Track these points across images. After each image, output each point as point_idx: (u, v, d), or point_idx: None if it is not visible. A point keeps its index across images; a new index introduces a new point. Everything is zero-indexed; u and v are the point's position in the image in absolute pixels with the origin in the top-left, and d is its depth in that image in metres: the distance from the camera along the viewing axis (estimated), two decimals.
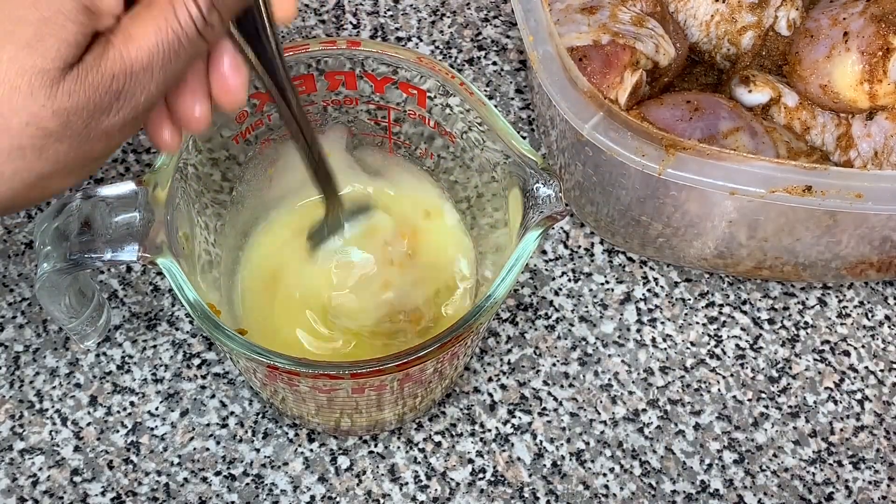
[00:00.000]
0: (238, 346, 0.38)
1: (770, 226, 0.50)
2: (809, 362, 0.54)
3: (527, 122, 0.61)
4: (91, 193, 0.40)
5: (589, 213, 0.55)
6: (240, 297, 0.48)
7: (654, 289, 0.55)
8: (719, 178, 0.46)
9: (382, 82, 0.45)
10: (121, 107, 0.31)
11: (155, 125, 0.36)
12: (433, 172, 0.49)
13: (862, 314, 0.56)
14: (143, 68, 0.31)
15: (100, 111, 0.31)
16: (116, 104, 0.31)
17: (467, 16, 0.65)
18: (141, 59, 0.31)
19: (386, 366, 0.38)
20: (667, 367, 0.53)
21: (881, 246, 0.51)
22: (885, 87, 0.52)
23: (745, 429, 0.52)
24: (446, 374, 0.45)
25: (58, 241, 0.40)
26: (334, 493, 0.49)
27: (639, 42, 0.53)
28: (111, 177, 0.57)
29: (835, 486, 0.50)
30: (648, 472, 0.50)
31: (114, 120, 0.32)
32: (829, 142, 0.55)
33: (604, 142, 0.47)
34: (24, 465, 0.49)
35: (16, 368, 0.51)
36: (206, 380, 0.51)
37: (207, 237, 0.45)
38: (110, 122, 0.32)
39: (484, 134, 0.43)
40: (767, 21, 0.57)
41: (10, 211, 0.33)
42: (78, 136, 0.31)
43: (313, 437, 0.50)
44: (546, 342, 0.53)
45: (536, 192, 0.40)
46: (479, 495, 0.49)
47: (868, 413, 0.52)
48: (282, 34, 0.64)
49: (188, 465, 0.49)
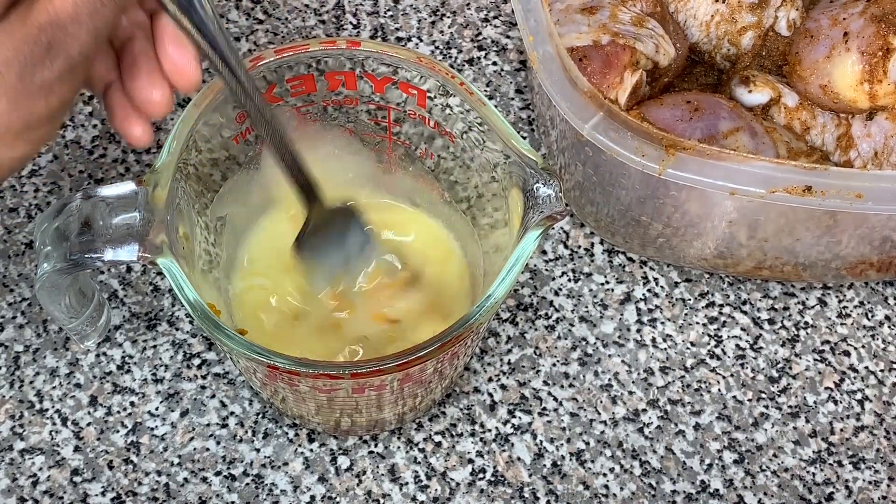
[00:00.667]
0: (238, 346, 0.38)
1: (770, 226, 0.50)
2: (809, 362, 0.54)
3: (527, 122, 0.61)
4: (91, 193, 0.40)
5: (589, 213, 0.55)
6: (239, 297, 0.48)
7: (654, 289, 0.56)
8: (719, 178, 0.46)
9: (382, 82, 0.45)
10: (54, 58, 0.32)
11: (122, 120, 0.37)
12: (433, 172, 0.49)
13: (862, 314, 0.56)
14: (71, 19, 0.32)
15: (32, 63, 0.31)
16: (49, 56, 0.32)
17: (467, 16, 0.66)
18: (66, 10, 0.31)
19: (386, 366, 0.38)
20: (667, 367, 0.53)
21: (881, 246, 0.51)
22: (885, 87, 0.52)
23: (745, 429, 0.52)
24: (446, 374, 0.45)
25: (58, 241, 0.40)
26: (334, 493, 0.49)
27: (639, 42, 0.53)
28: (111, 177, 0.57)
29: (835, 486, 0.50)
30: (648, 472, 0.50)
31: (49, 73, 0.32)
32: (829, 142, 0.55)
33: (604, 142, 0.47)
34: (24, 465, 0.49)
35: (16, 368, 0.51)
36: (206, 380, 0.51)
37: (207, 237, 0.45)
38: (46, 76, 0.32)
39: (484, 134, 0.43)
40: (767, 21, 0.57)
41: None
42: (14, 90, 0.32)
43: (313, 437, 0.50)
44: (546, 342, 0.53)
45: (536, 192, 0.40)
46: (479, 495, 0.49)
47: (868, 413, 0.52)
48: (282, 35, 0.64)
49: (188, 465, 0.49)
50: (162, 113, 0.36)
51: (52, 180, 0.57)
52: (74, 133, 0.59)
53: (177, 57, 0.36)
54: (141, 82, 0.36)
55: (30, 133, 0.33)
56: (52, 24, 0.31)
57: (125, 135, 0.38)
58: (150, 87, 0.36)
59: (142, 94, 0.36)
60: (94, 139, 0.59)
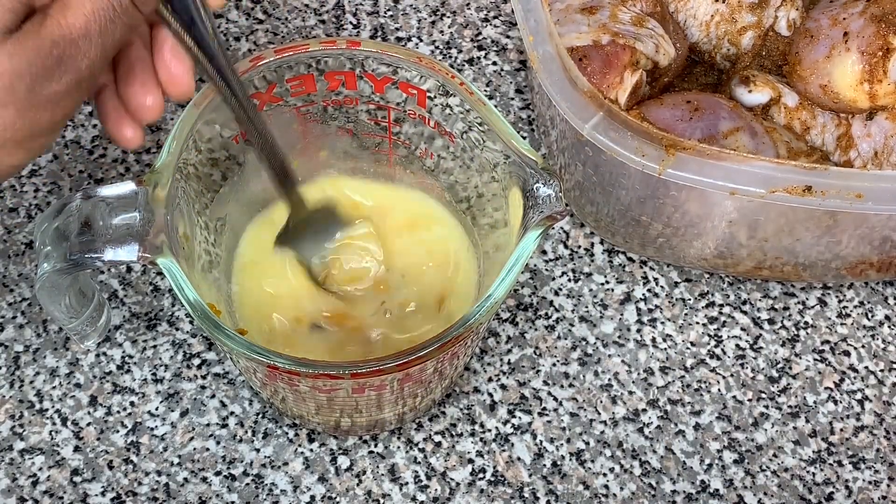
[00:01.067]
0: (238, 346, 0.38)
1: (770, 226, 0.50)
2: (809, 362, 0.54)
3: (527, 122, 0.61)
4: (91, 193, 0.40)
5: (589, 213, 0.55)
6: (239, 297, 0.48)
7: (654, 289, 0.56)
8: (719, 178, 0.46)
9: (382, 82, 0.45)
10: (63, 72, 0.33)
11: (114, 122, 0.38)
12: (433, 172, 0.49)
13: (862, 314, 0.56)
14: (82, 35, 0.32)
15: (42, 76, 0.32)
16: (59, 70, 0.32)
17: (467, 16, 0.66)
18: (78, 25, 0.32)
19: (386, 366, 0.38)
20: (667, 367, 0.53)
21: (881, 246, 0.51)
22: (885, 87, 0.52)
23: (745, 429, 0.52)
24: (446, 374, 0.45)
25: (58, 241, 0.40)
26: (334, 493, 0.49)
27: (639, 42, 0.53)
28: (111, 177, 0.57)
29: (835, 486, 0.50)
30: (648, 472, 0.50)
31: (57, 86, 0.33)
32: (829, 142, 0.55)
33: (604, 142, 0.47)
34: (24, 465, 0.49)
35: (16, 368, 0.51)
36: (206, 380, 0.51)
37: (207, 237, 0.45)
38: (54, 89, 0.33)
39: (484, 134, 0.43)
40: (767, 21, 0.57)
41: None
42: (22, 101, 0.32)
43: (313, 437, 0.50)
44: (546, 342, 0.53)
45: (536, 192, 0.40)
46: (479, 495, 0.49)
47: (868, 413, 0.52)
48: (282, 35, 0.64)
49: (188, 465, 0.49)
50: (153, 118, 0.38)
51: (52, 180, 0.57)
52: (74, 133, 0.59)
53: (174, 68, 0.37)
54: (135, 88, 0.37)
55: (31, 142, 0.34)
56: (63, 39, 0.32)
57: (116, 137, 0.39)
58: (143, 93, 0.37)
59: (136, 98, 0.37)
60: (94, 139, 0.59)
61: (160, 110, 0.38)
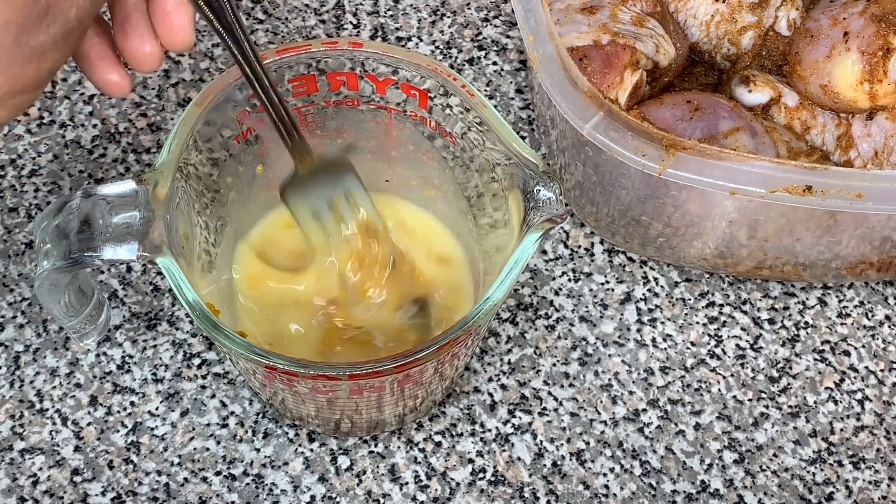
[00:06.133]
0: (237, 347, 0.38)
1: (770, 226, 0.50)
2: (809, 362, 0.54)
3: (527, 122, 0.61)
4: (91, 192, 0.40)
5: (589, 213, 0.55)
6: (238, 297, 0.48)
7: (654, 289, 0.56)
8: (719, 178, 0.46)
9: (383, 83, 0.45)
10: (51, 21, 0.31)
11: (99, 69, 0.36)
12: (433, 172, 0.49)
13: (862, 314, 0.56)
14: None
15: (29, 26, 0.30)
16: (46, 19, 0.31)
17: (467, 16, 0.66)
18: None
19: (384, 367, 0.38)
20: (667, 367, 0.53)
21: (881, 246, 0.51)
22: (885, 87, 0.52)
23: (745, 429, 0.52)
24: (446, 375, 0.45)
25: (57, 239, 0.39)
26: (334, 493, 0.49)
27: (639, 42, 0.53)
28: (111, 176, 0.57)
29: (835, 486, 0.50)
30: (648, 472, 0.50)
31: (44, 37, 0.31)
32: (830, 142, 0.55)
33: (604, 142, 0.47)
34: (24, 465, 0.49)
35: (16, 368, 0.51)
36: (206, 380, 0.51)
37: (207, 237, 0.45)
38: (41, 40, 0.31)
39: (484, 135, 0.43)
40: (767, 21, 0.57)
41: None
42: (7, 54, 0.31)
43: (313, 437, 0.50)
44: (546, 342, 0.53)
45: (537, 194, 0.40)
46: (480, 495, 0.49)
47: (868, 413, 0.52)
48: (282, 35, 0.64)
49: (188, 465, 0.49)
50: (151, 68, 0.36)
51: (52, 180, 0.57)
52: (74, 133, 0.59)
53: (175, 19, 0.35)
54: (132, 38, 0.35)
55: (13, 98, 0.32)
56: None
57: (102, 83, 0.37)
58: (142, 42, 0.36)
59: (133, 48, 0.36)
60: (94, 139, 0.59)
61: (160, 60, 0.36)
